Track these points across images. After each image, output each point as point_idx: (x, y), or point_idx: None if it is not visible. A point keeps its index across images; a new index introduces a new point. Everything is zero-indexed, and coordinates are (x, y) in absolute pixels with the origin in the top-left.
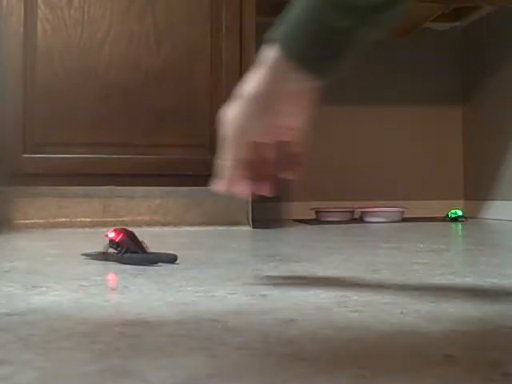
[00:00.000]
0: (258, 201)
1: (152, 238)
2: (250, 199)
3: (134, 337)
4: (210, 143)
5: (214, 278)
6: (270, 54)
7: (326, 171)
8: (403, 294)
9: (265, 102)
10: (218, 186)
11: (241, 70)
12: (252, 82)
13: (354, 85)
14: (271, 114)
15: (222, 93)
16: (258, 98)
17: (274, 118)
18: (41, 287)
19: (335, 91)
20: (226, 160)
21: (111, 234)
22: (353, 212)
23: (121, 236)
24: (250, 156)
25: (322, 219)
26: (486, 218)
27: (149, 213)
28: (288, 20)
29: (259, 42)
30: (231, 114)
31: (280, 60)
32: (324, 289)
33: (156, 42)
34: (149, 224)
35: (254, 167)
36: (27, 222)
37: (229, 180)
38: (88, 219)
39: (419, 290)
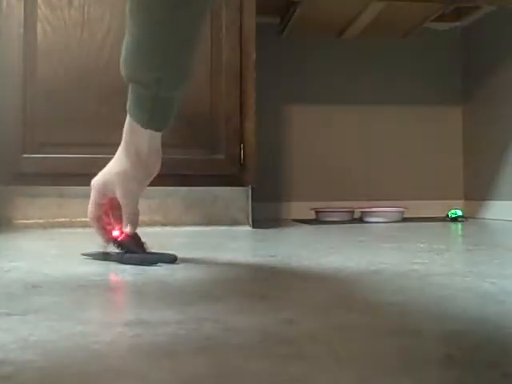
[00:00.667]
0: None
1: (152, 237)
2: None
3: (134, 337)
4: (210, 143)
5: (214, 279)
6: (128, 120)
7: (326, 171)
8: (403, 294)
9: (134, 171)
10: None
11: (241, 70)
12: (122, 148)
13: (354, 85)
14: (142, 181)
15: (222, 93)
16: (129, 172)
17: (143, 182)
18: (41, 287)
19: (336, 92)
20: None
21: (115, 233)
22: (353, 212)
23: (121, 236)
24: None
25: (322, 219)
26: (485, 218)
27: (149, 213)
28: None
29: (259, 42)
30: (122, 187)
31: (132, 123)
32: (324, 289)
33: None
34: (149, 224)
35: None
36: (27, 221)
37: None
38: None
39: (419, 290)
